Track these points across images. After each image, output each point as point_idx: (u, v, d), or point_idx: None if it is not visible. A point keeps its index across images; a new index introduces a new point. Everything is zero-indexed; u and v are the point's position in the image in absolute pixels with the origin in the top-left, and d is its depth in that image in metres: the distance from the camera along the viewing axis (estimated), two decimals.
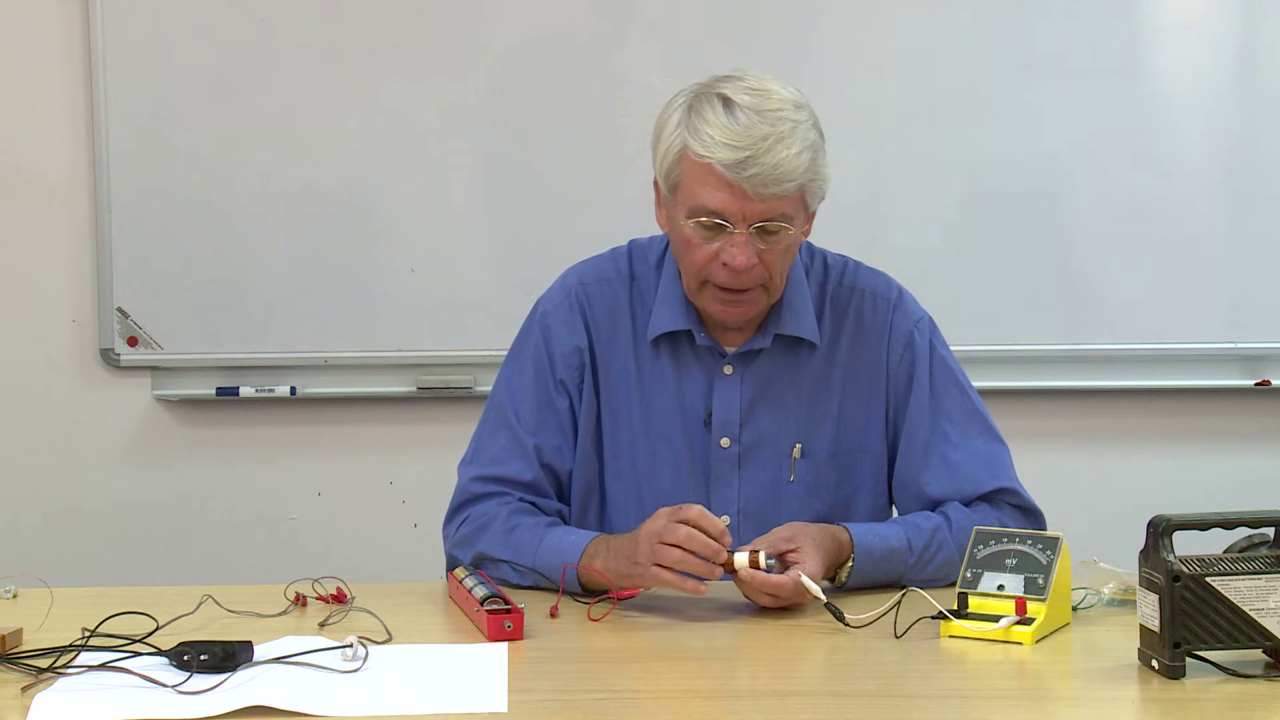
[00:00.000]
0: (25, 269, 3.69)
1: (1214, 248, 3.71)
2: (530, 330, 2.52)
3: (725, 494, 2.45)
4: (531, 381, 2.48)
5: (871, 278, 2.52)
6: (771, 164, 2.27)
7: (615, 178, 3.66)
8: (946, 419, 2.47)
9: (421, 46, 3.62)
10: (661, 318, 2.46)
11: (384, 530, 3.72)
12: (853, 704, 1.90)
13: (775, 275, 2.36)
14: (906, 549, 2.35)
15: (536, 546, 2.34)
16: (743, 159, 2.27)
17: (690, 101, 2.35)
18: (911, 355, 2.48)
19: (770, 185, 2.28)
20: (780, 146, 2.28)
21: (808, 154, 2.31)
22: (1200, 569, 1.92)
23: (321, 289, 3.65)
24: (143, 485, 3.73)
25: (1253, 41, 3.70)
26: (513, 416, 2.47)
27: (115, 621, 2.07)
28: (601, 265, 2.53)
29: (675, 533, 2.18)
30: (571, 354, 2.47)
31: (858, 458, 2.48)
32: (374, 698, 1.87)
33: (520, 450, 2.45)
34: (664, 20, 3.63)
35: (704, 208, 2.31)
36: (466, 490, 2.47)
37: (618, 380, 2.47)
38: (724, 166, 2.28)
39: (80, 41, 3.60)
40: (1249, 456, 3.78)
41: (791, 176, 2.29)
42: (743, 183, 2.28)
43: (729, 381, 2.45)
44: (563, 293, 2.51)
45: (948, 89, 3.66)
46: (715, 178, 2.29)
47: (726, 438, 2.45)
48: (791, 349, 2.46)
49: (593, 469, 2.48)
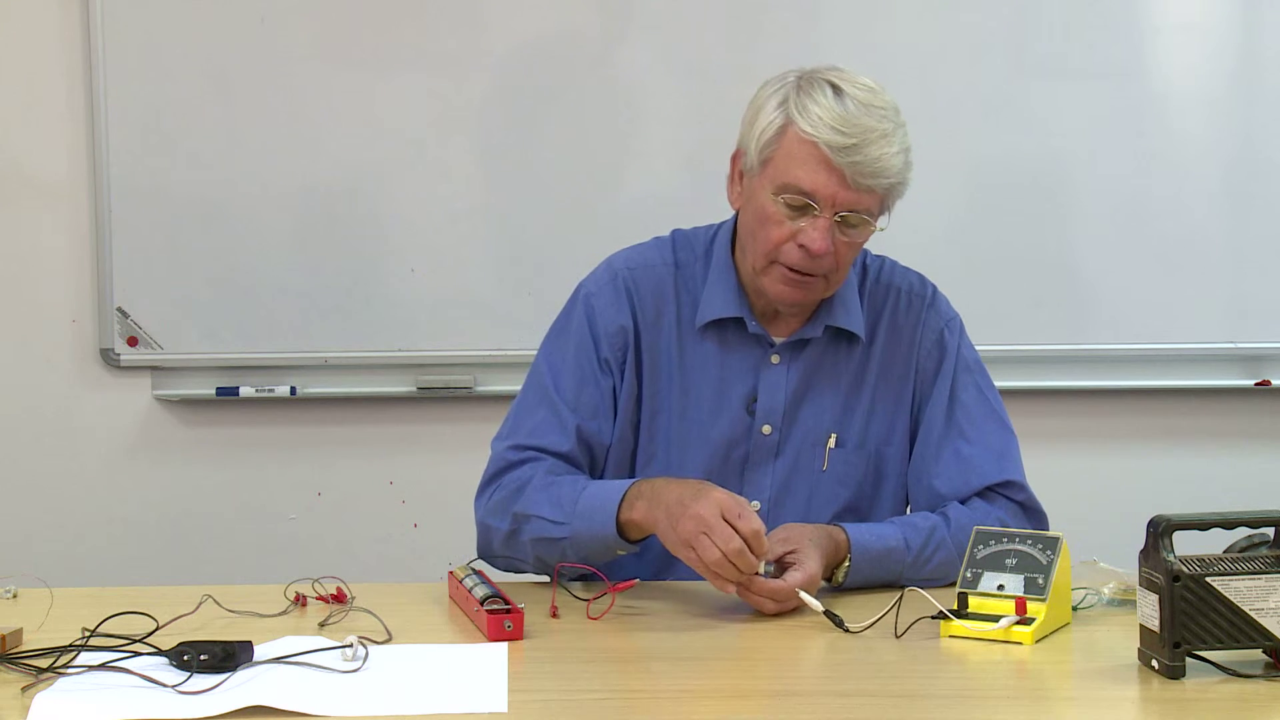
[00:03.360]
0: (25, 268, 3.69)
1: (1214, 248, 3.71)
2: (573, 310, 2.51)
3: (759, 480, 2.47)
4: (574, 359, 2.47)
5: (906, 276, 2.56)
6: (874, 156, 2.31)
7: (615, 178, 3.66)
8: (964, 415, 2.49)
9: (421, 46, 3.62)
10: (713, 304, 2.47)
11: (384, 530, 3.72)
12: (853, 704, 1.90)
13: (841, 267, 2.39)
14: (904, 548, 2.36)
15: (577, 498, 2.33)
16: (849, 145, 2.30)
17: (798, 82, 2.37)
18: (940, 353, 2.51)
19: (868, 177, 2.31)
20: (884, 142, 2.32)
21: (903, 157, 2.35)
22: (1200, 569, 1.92)
23: (321, 289, 3.65)
24: (143, 485, 3.73)
25: (1253, 41, 3.70)
26: (553, 392, 2.46)
27: (115, 621, 2.07)
28: (646, 252, 2.54)
29: (727, 541, 2.16)
30: (617, 334, 2.47)
31: (885, 450, 2.50)
32: (374, 698, 1.87)
33: (559, 424, 2.44)
34: (664, 20, 3.63)
35: (797, 185, 2.33)
36: (502, 459, 2.45)
37: (661, 364, 2.48)
38: (829, 148, 2.30)
39: (80, 41, 3.60)
40: (1249, 456, 3.78)
41: (888, 173, 2.33)
42: (845, 167, 2.31)
43: (776, 371, 2.47)
44: (608, 275, 2.51)
45: (948, 89, 3.65)
46: (817, 158, 2.32)
47: (769, 425, 2.47)
48: (838, 342, 2.49)
49: (628, 451, 2.49)
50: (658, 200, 3.60)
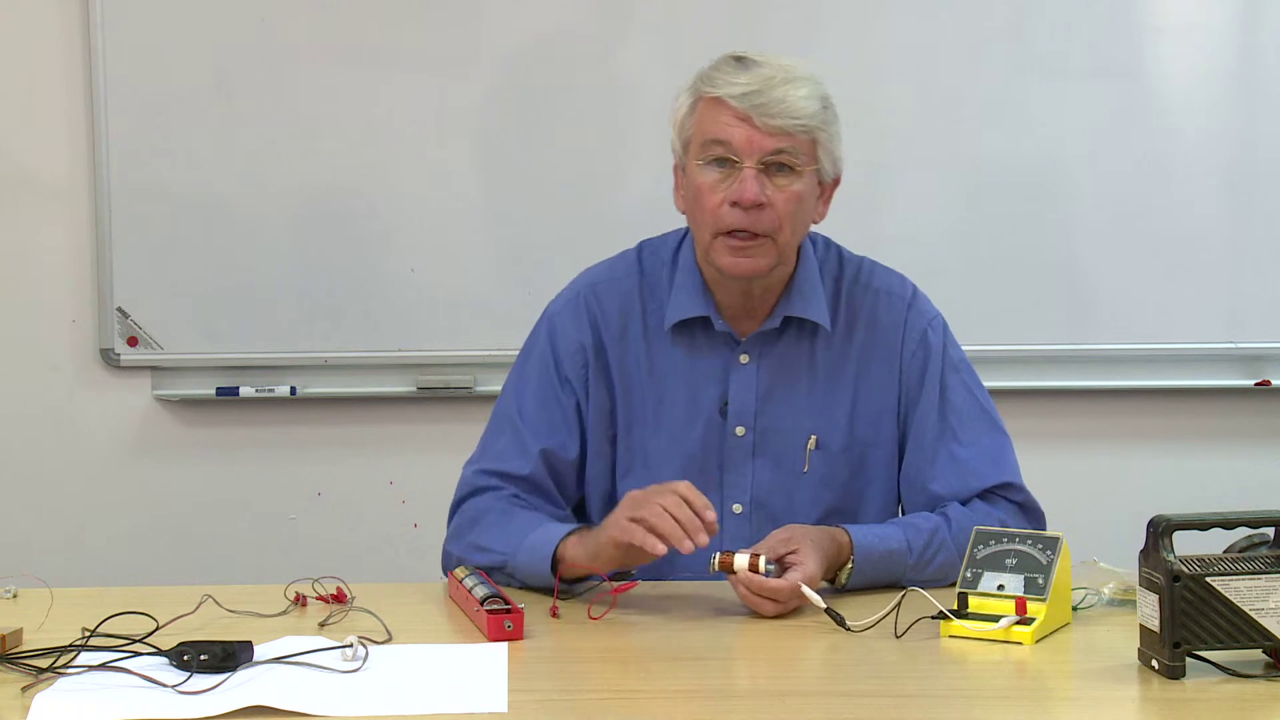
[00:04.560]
0: (25, 269, 3.68)
1: (1214, 247, 3.71)
2: (538, 332, 2.55)
3: (739, 482, 2.47)
4: (536, 381, 2.51)
5: (886, 277, 2.55)
6: (778, 97, 2.34)
7: (616, 177, 3.66)
8: (956, 417, 2.49)
9: (421, 46, 3.62)
10: (680, 304, 2.48)
11: (384, 530, 3.72)
12: (853, 704, 1.90)
13: (784, 225, 2.38)
14: (906, 550, 2.36)
15: (523, 537, 2.35)
16: (752, 90, 2.35)
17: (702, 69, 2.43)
18: (924, 353, 2.50)
19: (776, 117, 2.34)
20: (789, 86, 2.36)
21: (817, 102, 2.38)
22: (1200, 569, 1.92)
23: (321, 289, 3.65)
24: (143, 485, 3.73)
25: (1253, 41, 3.70)
26: (516, 415, 2.50)
27: (115, 621, 2.07)
28: (611, 266, 2.56)
29: (661, 495, 2.20)
30: (576, 352, 2.49)
31: (870, 452, 2.50)
32: (374, 698, 1.87)
33: (521, 448, 2.47)
34: (664, 20, 3.63)
35: (713, 139, 2.36)
36: (468, 483, 2.50)
37: (631, 375, 2.49)
38: (732, 99, 2.35)
39: (80, 41, 3.60)
40: (1249, 456, 3.78)
41: (798, 113, 2.35)
42: (750, 111, 2.34)
43: (745, 371, 2.47)
44: (571, 294, 2.54)
45: (948, 89, 3.65)
46: (725, 111, 2.36)
47: (741, 426, 2.47)
48: (806, 337, 2.48)
49: (607, 465, 2.50)
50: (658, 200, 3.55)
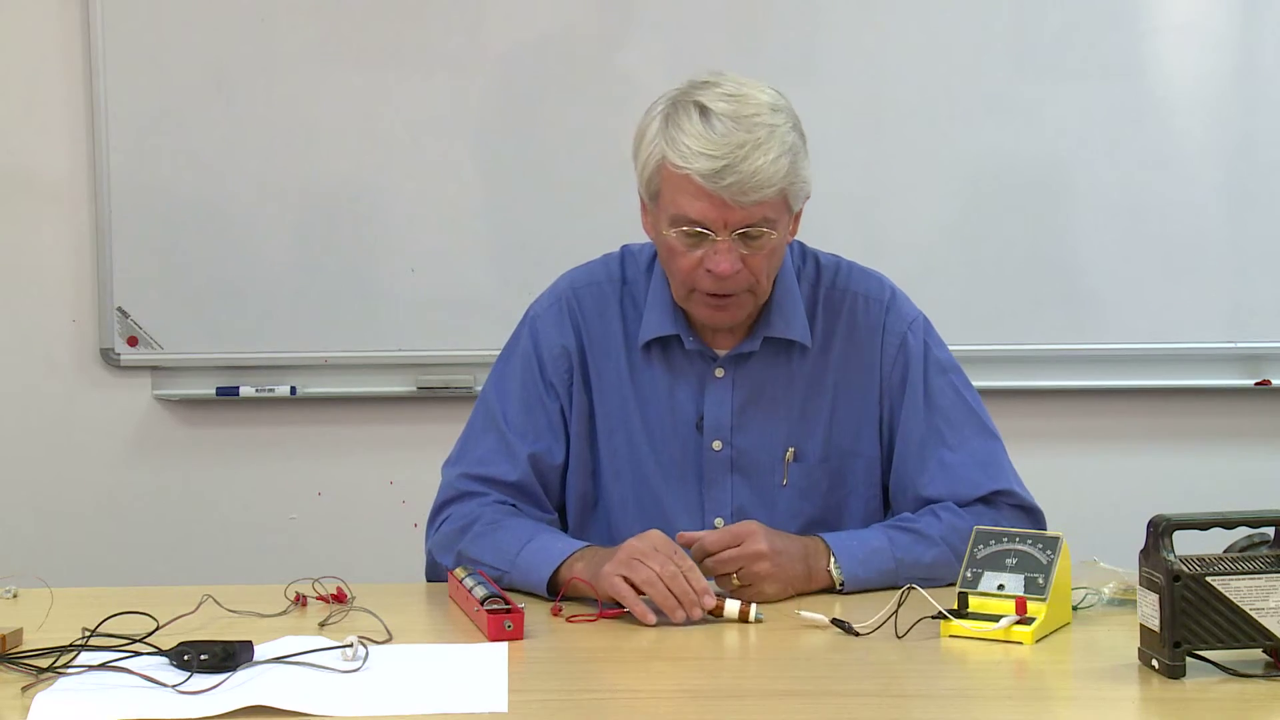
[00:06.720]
0: (25, 269, 3.69)
1: (1215, 248, 3.71)
2: (520, 334, 2.53)
3: (719, 496, 2.45)
4: (519, 384, 2.48)
5: (864, 280, 2.50)
6: (749, 171, 2.26)
7: (615, 177, 3.63)
8: (942, 420, 2.46)
9: (421, 46, 3.63)
10: (651, 323, 2.46)
11: (384, 530, 3.72)
12: (853, 704, 1.89)
13: (761, 278, 2.36)
14: (889, 546, 2.35)
15: (519, 550, 2.32)
16: (720, 168, 2.26)
17: (667, 110, 2.34)
18: (905, 357, 2.46)
19: (749, 193, 2.27)
20: (757, 154, 2.26)
21: (786, 159, 2.29)
22: (1200, 569, 1.92)
23: (321, 289, 3.65)
24: (143, 485, 3.73)
25: (1253, 41, 3.70)
26: (500, 418, 2.47)
27: (115, 621, 2.07)
28: (593, 270, 2.54)
29: (661, 562, 2.17)
30: (560, 356, 2.47)
31: (850, 461, 2.47)
32: (374, 698, 1.87)
33: (507, 452, 2.45)
34: (664, 20, 3.63)
35: (685, 217, 2.30)
36: (451, 488, 2.46)
37: (610, 382, 2.47)
38: (702, 177, 2.27)
39: (80, 41, 3.60)
40: (1249, 456, 3.78)
41: (770, 183, 2.28)
42: (721, 192, 2.27)
43: (720, 385, 2.45)
44: (552, 297, 2.52)
45: (948, 89, 3.66)
46: (694, 188, 2.28)
47: (718, 441, 2.45)
48: (783, 351, 2.46)
49: (587, 471, 2.48)
50: None
